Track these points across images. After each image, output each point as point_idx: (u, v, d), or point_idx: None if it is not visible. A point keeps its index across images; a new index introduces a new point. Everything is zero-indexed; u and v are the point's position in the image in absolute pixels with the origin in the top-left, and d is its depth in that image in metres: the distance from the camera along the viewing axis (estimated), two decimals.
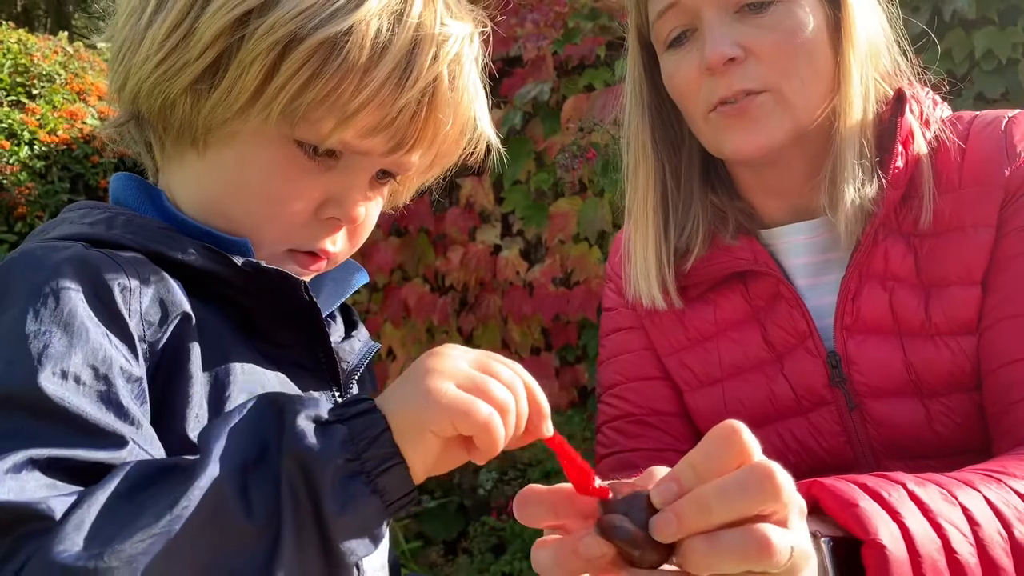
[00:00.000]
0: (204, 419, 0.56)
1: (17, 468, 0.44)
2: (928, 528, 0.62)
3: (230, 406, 0.57)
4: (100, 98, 4.87)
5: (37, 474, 0.44)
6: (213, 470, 0.45)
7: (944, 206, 0.85)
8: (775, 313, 0.91)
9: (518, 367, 0.54)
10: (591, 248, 3.00)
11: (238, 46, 0.59)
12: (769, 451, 0.88)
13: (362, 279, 0.76)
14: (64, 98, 4.72)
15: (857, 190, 0.84)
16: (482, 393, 0.50)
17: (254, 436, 0.47)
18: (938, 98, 0.93)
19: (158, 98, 0.62)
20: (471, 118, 0.68)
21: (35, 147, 4.45)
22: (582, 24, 2.96)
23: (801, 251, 0.91)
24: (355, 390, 0.71)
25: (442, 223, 3.27)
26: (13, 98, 4.58)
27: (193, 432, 0.55)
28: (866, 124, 0.86)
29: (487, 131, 0.71)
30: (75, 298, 0.51)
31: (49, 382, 0.47)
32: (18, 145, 4.40)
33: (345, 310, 0.76)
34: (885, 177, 0.85)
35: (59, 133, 4.53)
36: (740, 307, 0.93)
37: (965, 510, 0.65)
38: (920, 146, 0.87)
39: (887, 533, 0.60)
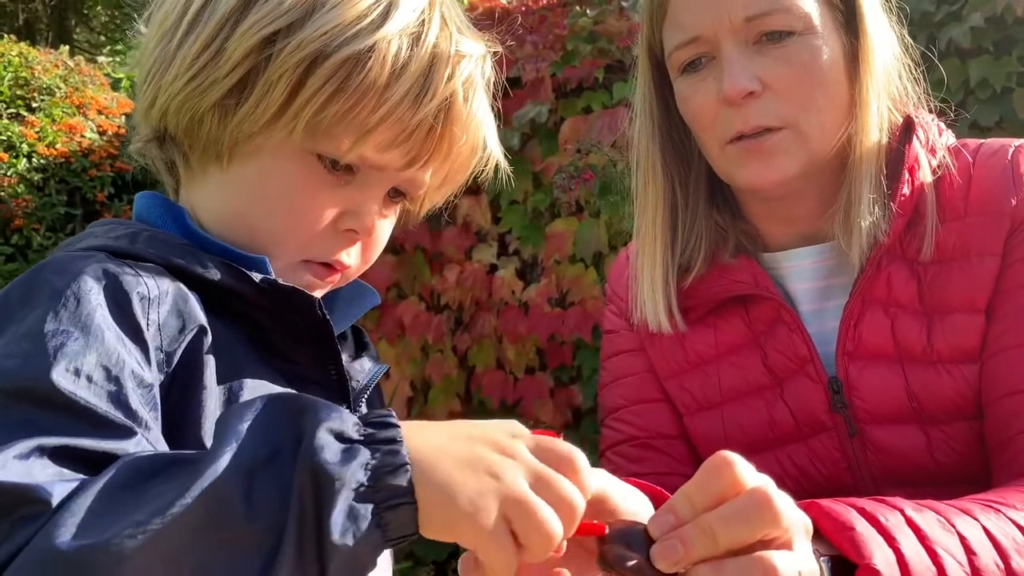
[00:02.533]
0: None
1: (25, 455, 0.44)
2: (924, 555, 0.62)
3: None
4: (99, 112, 4.88)
5: (45, 460, 0.45)
6: (217, 468, 0.44)
7: (949, 234, 0.85)
8: (775, 338, 0.90)
9: (581, 467, 0.50)
10: (587, 269, 3.00)
11: (265, 64, 0.62)
12: (768, 476, 0.88)
13: (373, 301, 0.78)
14: (64, 111, 4.73)
15: (872, 222, 0.84)
16: (522, 526, 0.47)
17: (267, 438, 0.46)
18: (943, 125, 0.92)
19: (186, 114, 0.65)
20: (482, 137, 0.71)
21: (33, 160, 4.45)
22: (581, 47, 2.99)
23: (806, 276, 0.91)
24: (364, 409, 0.73)
25: (439, 242, 3.27)
26: (13, 111, 4.59)
27: (209, 440, 0.55)
28: (880, 154, 0.86)
29: (495, 150, 0.74)
30: (94, 303, 0.53)
31: (62, 377, 0.48)
32: (16, 157, 4.40)
33: (356, 332, 0.78)
34: (893, 205, 0.85)
35: (58, 146, 4.53)
36: (741, 331, 0.93)
37: (962, 538, 0.65)
38: (925, 174, 0.87)
39: (882, 558, 0.60)
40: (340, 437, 0.46)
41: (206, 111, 0.64)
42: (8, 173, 4.34)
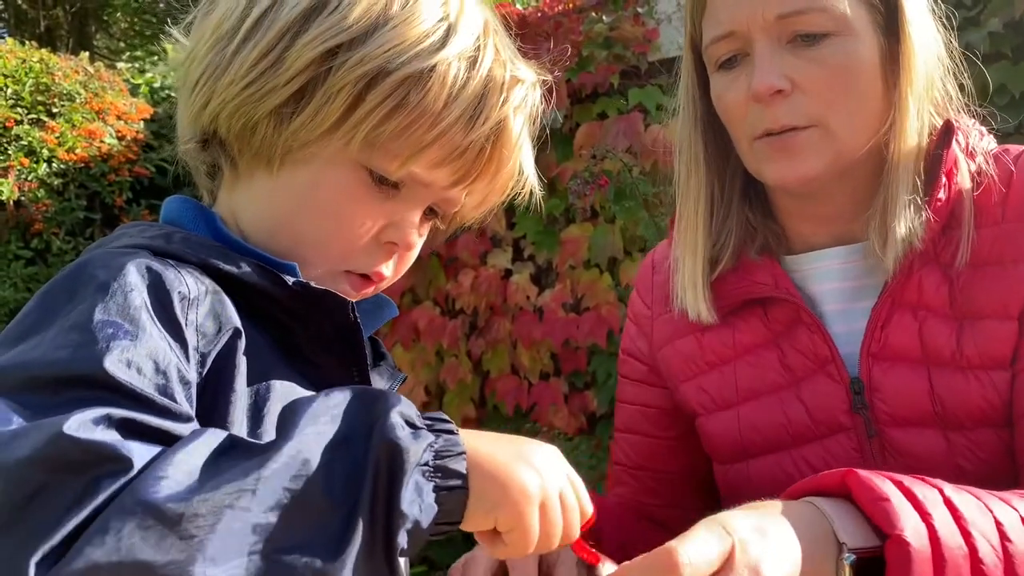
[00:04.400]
0: (244, 433, 0.58)
1: (96, 421, 0.45)
2: (957, 534, 0.62)
3: (268, 425, 0.60)
4: (119, 117, 4.92)
5: (112, 431, 0.46)
6: (299, 441, 0.47)
7: (984, 239, 0.84)
8: (794, 338, 0.90)
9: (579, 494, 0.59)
10: (602, 274, 3.00)
11: (325, 76, 0.64)
12: (782, 477, 0.88)
13: (391, 312, 0.80)
14: (83, 117, 4.78)
15: (908, 228, 0.83)
16: (546, 519, 0.56)
17: (340, 418, 0.50)
18: (983, 129, 0.91)
19: (240, 119, 0.66)
20: (522, 161, 0.74)
21: (53, 164, 4.50)
22: (596, 53, 2.99)
23: (835, 276, 0.91)
24: None
25: (454, 247, 3.28)
26: (34, 116, 4.64)
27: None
28: (918, 159, 0.86)
29: (531, 175, 0.77)
30: (140, 298, 0.54)
31: (115, 366, 0.49)
32: (37, 162, 4.45)
33: (373, 342, 0.79)
34: (928, 210, 0.84)
35: (77, 151, 4.58)
36: (759, 331, 0.93)
37: (998, 523, 0.65)
38: (964, 179, 0.86)
39: (913, 531, 0.60)
40: (407, 421, 0.51)
41: (262, 117, 0.65)
42: (29, 178, 4.38)
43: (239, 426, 0.58)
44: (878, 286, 0.87)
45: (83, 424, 0.44)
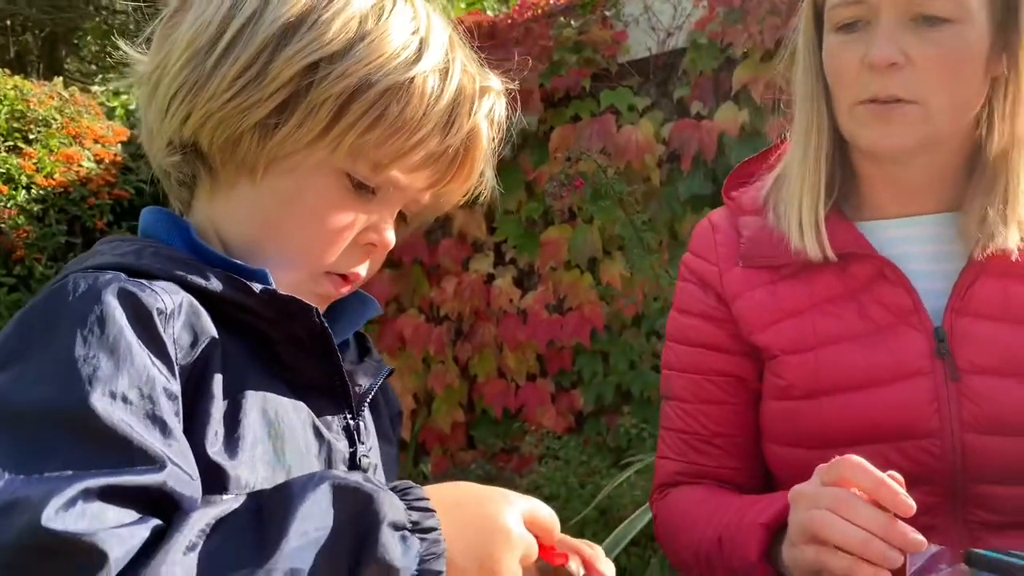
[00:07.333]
0: (221, 438, 0.61)
1: (72, 500, 0.47)
2: None
3: (244, 429, 0.63)
4: (96, 141, 4.93)
5: (93, 504, 0.48)
6: (287, 550, 0.49)
7: None
8: (874, 292, 0.95)
9: (555, 533, 0.63)
10: (583, 274, 3.05)
11: (307, 89, 0.67)
12: (855, 417, 0.93)
13: (375, 310, 0.83)
14: (60, 142, 4.77)
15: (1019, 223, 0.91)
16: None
17: (329, 526, 0.52)
18: None
19: (224, 132, 0.69)
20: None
21: (32, 191, 4.50)
22: (567, 57, 3.04)
23: (917, 241, 0.97)
24: (367, 413, 0.77)
25: (436, 254, 3.32)
26: (11, 143, 4.63)
27: (212, 448, 0.59)
28: None
29: (489, 176, 0.81)
30: (119, 323, 0.56)
31: (99, 402, 0.51)
32: (16, 189, 4.45)
33: (360, 338, 0.82)
34: None
35: (56, 176, 4.58)
36: (834, 285, 0.97)
37: None
38: None
39: None
40: (395, 526, 0.54)
41: (246, 130, 0.68)
42: (8, 205, 4.37)
43: (217, 430, 0.61)
44: (962, 253, 0.93)
45: (60, 509, 0.46)
